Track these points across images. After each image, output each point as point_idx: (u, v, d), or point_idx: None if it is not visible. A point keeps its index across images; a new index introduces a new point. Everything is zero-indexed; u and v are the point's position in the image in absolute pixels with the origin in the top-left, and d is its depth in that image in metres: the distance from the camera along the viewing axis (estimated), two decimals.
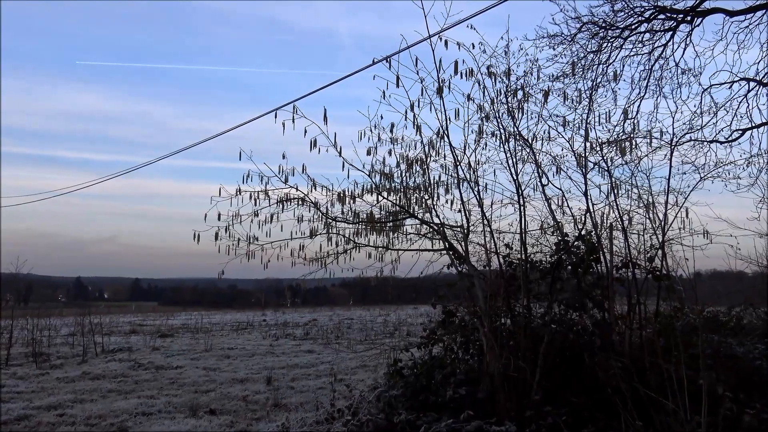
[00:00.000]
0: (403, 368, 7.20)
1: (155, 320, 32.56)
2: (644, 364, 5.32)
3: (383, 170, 7.16)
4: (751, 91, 12.63)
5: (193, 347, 17.90)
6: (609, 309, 6.63)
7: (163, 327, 26.63)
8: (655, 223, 6.84)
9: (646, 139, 7.22)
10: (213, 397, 9.95)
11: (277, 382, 11.25)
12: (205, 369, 13.26)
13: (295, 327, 26.45)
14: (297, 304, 57.49)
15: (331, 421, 6.91)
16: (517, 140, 6.88)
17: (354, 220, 7.20)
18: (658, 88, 11.67)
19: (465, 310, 7.17)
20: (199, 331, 24.68)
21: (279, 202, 7.08)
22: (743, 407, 5.39)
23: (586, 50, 11.42)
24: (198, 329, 25.44)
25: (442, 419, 5.59)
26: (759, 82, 12.66)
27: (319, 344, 18.77)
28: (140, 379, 11.99)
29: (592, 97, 7.53)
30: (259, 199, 7.07)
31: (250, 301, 69.81)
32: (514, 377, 5.88)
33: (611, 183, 6.87)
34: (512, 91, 6.91)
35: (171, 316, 36.24)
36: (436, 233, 7.07)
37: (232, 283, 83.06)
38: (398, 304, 43.54)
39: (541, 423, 5.32)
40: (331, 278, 7.54)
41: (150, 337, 21.09)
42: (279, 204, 7.09)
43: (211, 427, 7.63)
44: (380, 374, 9.84)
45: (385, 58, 6.56)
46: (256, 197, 7.05)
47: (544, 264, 6.99)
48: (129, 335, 22.58)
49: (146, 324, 29.20)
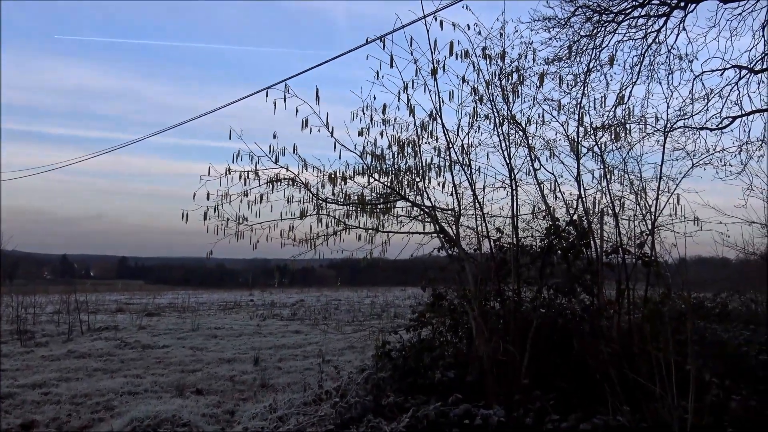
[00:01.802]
0: (391, 350, 7.19)
1: (142, 299, 32.43)
2: (632, 350, 5.34)
3: (375, 152, 7.11)
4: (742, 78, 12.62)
5: (180, 326, 17.84)
6: (598, 294, 6.65)
7: (149, 306, 26.52)
8: (646, 210, 6.84)
9: (640, 125, 7.21)
10: (200, 377, 9.92)
11: (265, 362, 11.24)
12: (192, 349, 13.22)
13: (282, 307, 26.45)
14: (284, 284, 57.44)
15: (319, 403, 6.90)
16: (511, 124, 6.84)
17: (345, 202, 7.15)
18: (651, 74, 11.64)
19: (455, 293, 7.17)
20: (186, 310, 24.62)
21: (269, 182, 7.01)
22: (729, 393, 5.44)
23: (579, 34, 11.35)
24: (185, 308, 25.38)
25: (430, 402, 5.58)
26: (750, 69, 12.66)
27: (306, 325, 18.77)
28: (126, 358, 11.94)
29: (586, 82, 7.48)
30: (248, 179, 7.00)
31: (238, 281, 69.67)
32: (503, 361, 5.89)
33: (604, 168, 6.86)
34: (507, 73, 6.85)
35: (158, 295, 36.11)
36: (427, 216, 7.03)
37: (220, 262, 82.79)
38: (386, 285, 43.63)
39: (530, 407, 5.33)
40: (320, 259, 7.51)
41: (136, 315, 21.00)
42: (269, 184, 7.02)
43: (198, 407, 7.60)
44: (368, 356, 9.85)
45: (379, 38, 6.47)
46: (245, 177, 6.98)
47: (534, 248, 6.99)
48: (115, 314, 22.47)
49: (133, 303, 29.08)
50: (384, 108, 6.92)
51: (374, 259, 7.52)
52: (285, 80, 6.94)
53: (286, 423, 6.33)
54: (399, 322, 16.30)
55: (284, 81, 6.86)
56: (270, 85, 7.07)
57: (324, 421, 5.95)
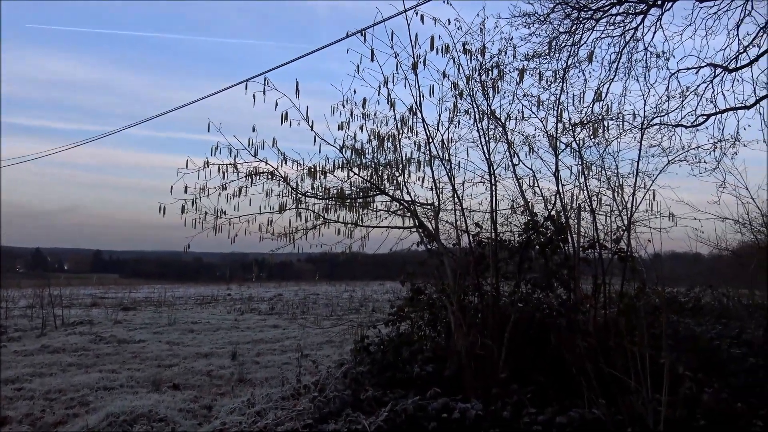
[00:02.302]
0: (370, 345, 7.20)
1: (117, 293, 32.05)
2: (608, 344, 5.41)
3: (355, 146, 7.09)
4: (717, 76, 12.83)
5: (156, 321, 17.66)
6: (575, 289, 6.72)
7: (125, 300, 26.22)
8: (622, 205, 6.93)
9: (617, 122, 7.28)
10: (176, 371, 9.83)
11: (242, 357, 11.17)
12: (169, 343, 13.10)
13: (260, 301, 26.33)
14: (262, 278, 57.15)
15: (298, 397, 6.89)
16: (490, 119, 6.87)
17: (324, 196, 7.13)
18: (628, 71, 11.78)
19: (433, 287, 7.19)
20: (162, 304, 24.38)
21: (248, 175, 6.96)
22: (702, 386, 5.54)
23: (558, 31, 11.44)
24: (161, 303, 25.13)
25: (408, 396, 5.60)
26: (725, 68, 12.86)
27: (284, 319, 18.70)
28: (101, 353, 11.78)
29: (564, 78, 7.54)
30: (227, 173, 6.94)
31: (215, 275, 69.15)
32: (481, 355, 5.93)
33: (582, 164, 6.92)
34: (487, 69, 6.87)
35: (134, 289, 35.72)
36: (407, 210, 7.04)
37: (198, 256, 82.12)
38: (365, 280, 43.64)
39: (507, 400, 5.38)
40: (298, 253, 7.49)
41: (112, 310, 20.74)
42: (248, 178, 6.97)
43: (175, 402, 7.53)
44: (347, 350, 9.85)
45: (359, 32, 6.45)
46: (224, 170, 6.92)
47: (513, 243, 7.04)
48: (90, 308, 22.17)
49: (108, 297, 28.72)
50: (364, 102, 6.91)
51: (353, 254, 7.51)
52: (264, 73, 6.90)
53: (264, 418, 6.30)
54: (378, 317, 16.32)
55: (264, 74, 6.81)
56: (249, 78, 7.01)
57: (302, 415, 5.94)
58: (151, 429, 6.49)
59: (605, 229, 6.93)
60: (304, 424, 5.62)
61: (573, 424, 4.83)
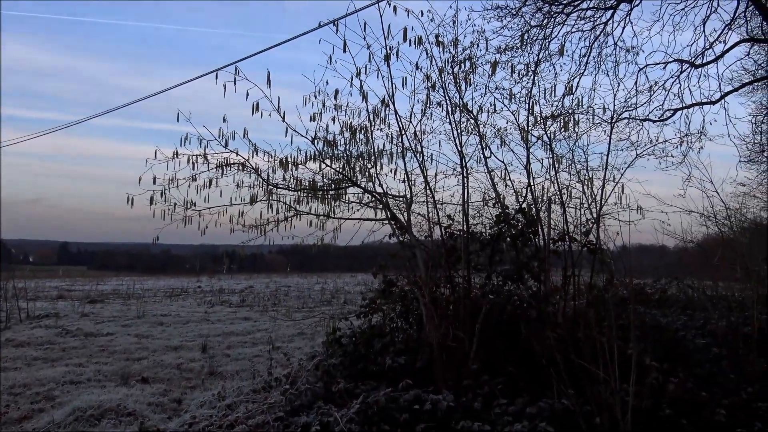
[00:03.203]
0: (341, 337, 7.19)
1: (84, 285, 31.50)
2: (577, 335, 5.47)
3: (327, 137, 7.06)
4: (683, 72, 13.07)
5: (124, 314, 17.41)
6: (545, 281, 6.79)
7: (92, 292, 25.78)
8: (591, 198, 7.01)
9: (587, 116, 7.36)
10: (145, 365, 9.71)
11: (213, 349, 11.08)
12: (137, 336, 12.93)
13: (231, 294, 26.12)
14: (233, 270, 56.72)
15: (269, 390, 6.86)
16: (463, 112, 6.88)
17: (296, 188, 7.08)
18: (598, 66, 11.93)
19: (405, 279, 7.20)
20: (131, 297, 24.03)
21: (218, 166, 6.88)
22: (668, 376, 5.66)
23: (530, 24, 11.51)
24: (130, 295, 24.76)
25: (380, 388, 5.61)
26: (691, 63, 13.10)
27: (255, 312, 18.60)
28: (68, 346, 11.57)
29: (536, 71, 7.59)
30: (197, 163, 6.86)
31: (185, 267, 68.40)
32: (453, 347, 5.96)
33: (553, 157, 6.98)
34: (459, 61, 6.89)
35: (101, 282, 35.16)
36: (379, 203, 7.03)
37: (167, 248, 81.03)
38: (337, 272, 43.62)
39: (478, 392, 5.42)
40: (270, 245, 7.44)
41: (79, 302, 20.39)
42: (218, 169, 6.89)
43: (144, 395, 7.44)
44: (318, 342, 9.83)
45: (332, 22, 6.40)
46: (194, 161, 6.84)
47: (484, 236, 7.08)
48: (56, 301, 21.76)
49: (75, 289, 28.22)
50: (336, 93, 6.87)
51: (325, 246, 7.48)
52: (235, 62, 6.81)
53: (235, 411, 6.26)
54: (349, 309, 16.31)
55: (235, 63, 6.73)
56: (220, 67, 6.92)
57: (274, 408, 5.91)
58: (119, 423, 6.39)
59: (575, 222, 7.02)
60: (276, 416, 5.58)
61: (543, 414, 4.88)
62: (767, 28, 12.42)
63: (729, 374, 6.44)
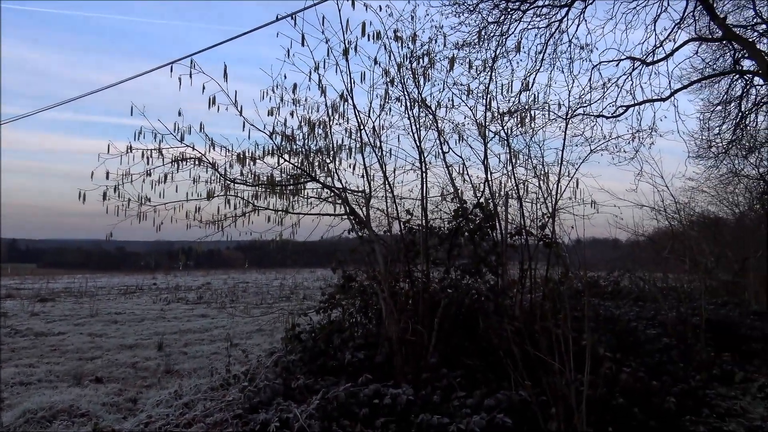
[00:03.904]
0: (301, 333, 7.15)
1: (34, 284, 30.50)
2: (534, 327, 5.57)
3: (285, 132, 6.98)
4: (635, 69, 13.41)
5: (77, 312, 16.96)
6: (502, 274, 6.89)
7: (43, 291, 25.02)
8: (547, 193, 7.14)
9: (543, 111, 7.49)
10: (99, 364, 9.48)
11: (169, 347, 10.89)
12: (91, 335, 12.61)
13: (187, 291, 25.72)
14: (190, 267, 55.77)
15: (227, 387, 6.78)
16: (421, 107, 6.92)
17: (254, 183, 6.99)
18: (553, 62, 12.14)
19: (365, 274, 7.20)
20: (83, 295, 23.42)
21: (174, 161, 6.73)
22: (621, 366, 5.82)
23: (487, 21, 11.64)
24: (82, 293, 24.13)
25: (340, 383, 5.60)
26: (643, 61, 13.45)
27: (213, 308, 18.36)
28: (17, 346, 11.21)
29: (493, 67, 7.67)
30: (152, 158, 6.69)
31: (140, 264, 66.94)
32: (412, 341, 5.99)
33: (510, 153, 7.09)
34: (417, 56, 6.91)
35: (52, 280, 34.14)
36: (338, 198, 7.01)
37: (121, 245, 79.07)
38: (296, 267, 43.30)
39: (437, 385, 5.47)
40: (227, 241, 7.34)
41: (28, 301, 19.77)
42: (174, 163, 6.74)
43: (98, 395, 7.26)
44: (277, 339, 9.76)
45: (289, 15, 6.33)
46: (148, 156, 6.67)
47: (443, 230, 7.14)
48: (4, 299, 21.04)
49: (24, 288, 27.34)
50: (295, 88, 6.81)
51: (284, 241, 7.42)
52: (191, 55, 6.67)
53: (193, 409, 6.17)
54: (309, 304, 16.22)
55: (190, 56, 6.59)
56: (175, 60, 6.77)
57: (232, 405, 5.84)
58: (71, 424, 6.23)
59: (531, 216, 7.15)
60: (234, 414, 5.53)
61: (500, 405, 4.96)
62: (715, 27, 12.83)
63: (678, 363, 6.67)
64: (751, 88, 15.72)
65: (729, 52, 14.51)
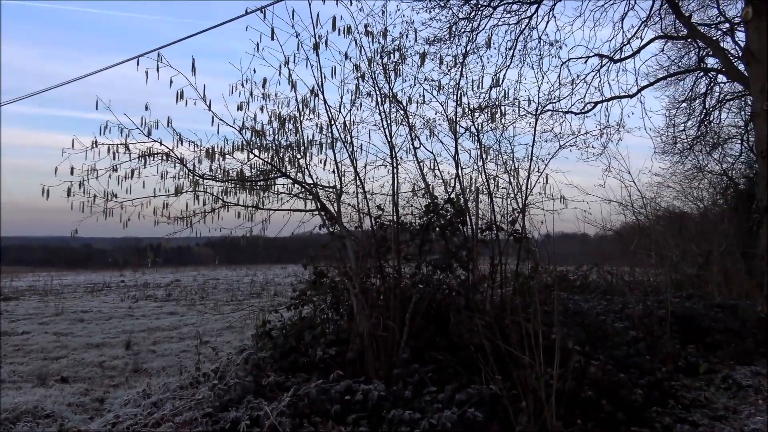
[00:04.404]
0: (272, 329, 7.10)
1: None
2: (504, 322, 5.62)
3: (255, 127, 6.91)
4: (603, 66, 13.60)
5: (41, 311, 16.60)
6: (473, 269, 6.93)
7: (6, 289, 24.41)
8: (517, 188, 7.20)
9: (513, 107, 7.54)
10: (65, 364, 9.29)
11: (137, 346, 10.72)
12: (56, 334, 12.35)
13: (156, 288, 25.36)
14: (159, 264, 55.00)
15: (197, 386, 6.70)
16: (392, 102, 6.90)
17: (223, 178, 6.92)
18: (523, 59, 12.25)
19: (336, 270, 7.18)
20: (48, 293, 22.93)
21: (141, 156, 6.63)
22: (589, 359, 5.90)
23: (458, 16, 11.68)
24: (47, 291, 23.63)
25: (311, 380, 5.58)
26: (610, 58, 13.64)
27: (182, 306, 18.13)
28: None
29: (464, 63, 7.70)
30: (118, 153, 6.58)
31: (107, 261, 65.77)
32: (383, 337, 5.99)
33: (480, 148, 7.12)
34: (388, 51, 6.89)
35: (16, 278, 33.31)
36: (309, 193, 6.97)
37: (87, 242, 77.56)
38: (266, 263, 43.04)
39: (408, 380, 5.47)
40: (197, 237, 7.25)
41: None
42: (141, 159, 6.64)
43: (63, 396, 7.11)
44: (248, 336, 9.68)
45: (259, 9, 6.25)
46: (115, 151, 6.56)
47: (414, 226, 7.14)
48: None
49: None
50: (264, 82, 6.75)
51: (254, 237, 7.35)
52: (159, 49, 6.57)
53: (161, 408, 6.08)
54: (280, 301, 16.13)
55: (158, 50, 6.48)
56: (142, 54, 6.65)
57: (202, 404, 5.77)
58: (36, 426, 6.09)
59: (502, 212, 7.20)
60: (204, 412, 5.46)
61: (471, 400, 4.99)
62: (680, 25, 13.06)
63: (645, 355, 6.79)
64: (715, 86, 16.10)
65: (694, 50, 14.82)
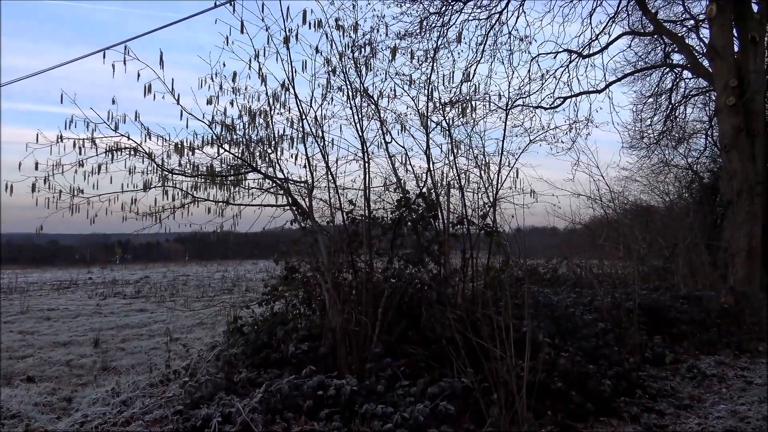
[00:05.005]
0: (243, 325, 7.05)
1: None
2: (476, 315, 5.67)
3: (225, 121, 6.85)
4: (572, 62, 13.78)
5: (6, 309, 16.22)
6: (445, 264, 6.97)
7: None
8: (488, 183, 7.26)
9: (484, 102, 7.59)
10: (31, 363, 9.10)
11: (106, 344, 10.55)
12: (21, 333, 12.09)
13: (125, 285, 24.97)
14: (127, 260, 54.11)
15: (167, 383, 6.62)
16: (364, 97, 6.90)
17: (193, 173, 6.83)
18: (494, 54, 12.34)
19: (308, 265, 7.15)
20: (13, 291, 22.41)
21: (108, 151, 6.50)
22: (559, 351, 5.99)
23: (429, 11, 11.71)
24: (12, 289, 23.09)
25: (283, 375, 5.55)
26: (579, 54, 13.82)
27: (152, 302, 17.89)
28: None
29: (435, 58, 7.73)
30: (84, 148, 6.45)
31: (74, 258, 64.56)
32: (356, 331, 5.99)
33: (451, 143, 7.16)
34: (359, 46, 6.88)
35: None
36: (280, 188, 6.93)
37: (53, 238, 75.97)
38: (237, 259, 42.66)
39: (381, 374, 5.49)
40: (166, 233, 7.16)
41: None
42: (108, 154, 6.52)
43: (29, 395, 6.97)
44: (219, 332, 9.60)
45: (228, 1, 6.19)
46: (80, 145, 6.42)
47: (386, 220, 7.15)
48: None
49: None
50: (234, 76, 6.68)
51: (225, 233, 7.29)
52: (126, 41, 6.47)
53: (131, 407, 5.99)
54: (251, 296, 16.00)
55: (125, 42, 6.39)
56: (108, 46, 6.53)
57: (172, 402, 5.71)
58: (1, 427, 5.96)
59: (473, 206, 7.25)
60: (175, 410, 5.40)
61: (443, 393, 5.02)
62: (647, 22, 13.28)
63: (613, 347, 6.91)
64: (680, 81, 16.43)
65: (660, 47, 15.10)
